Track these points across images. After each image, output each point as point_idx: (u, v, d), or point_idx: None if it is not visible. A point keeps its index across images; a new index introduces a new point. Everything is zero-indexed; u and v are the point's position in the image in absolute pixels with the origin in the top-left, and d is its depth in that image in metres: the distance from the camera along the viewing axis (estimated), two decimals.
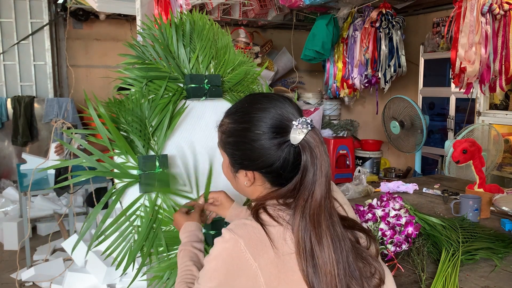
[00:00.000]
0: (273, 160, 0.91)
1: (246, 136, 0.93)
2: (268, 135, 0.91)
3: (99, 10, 4.21)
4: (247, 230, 0.87)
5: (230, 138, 0.97)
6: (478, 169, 2.05)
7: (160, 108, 1.38)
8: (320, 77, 5.84)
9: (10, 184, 4.66)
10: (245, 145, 0.93)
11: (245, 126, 0.93)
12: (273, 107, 0.92)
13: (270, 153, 0.91)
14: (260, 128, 0.91)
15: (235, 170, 1.00)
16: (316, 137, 0.90)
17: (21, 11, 4.90)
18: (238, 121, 0.95)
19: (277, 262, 0.85)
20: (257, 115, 0.92)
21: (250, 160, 0.94)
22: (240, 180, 0.99)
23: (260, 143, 0.91)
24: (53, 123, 4.26)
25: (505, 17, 2.82)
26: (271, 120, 0.91)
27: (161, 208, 1.38)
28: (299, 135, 0.89)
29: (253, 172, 0.96)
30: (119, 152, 1.32)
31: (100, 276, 2.70)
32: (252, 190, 0.99)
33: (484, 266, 1.44)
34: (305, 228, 0.86)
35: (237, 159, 0.97)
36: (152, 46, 1.47)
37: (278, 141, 0.90)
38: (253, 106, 0.95)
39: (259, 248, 0.85)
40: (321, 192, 0.89)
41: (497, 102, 3.68)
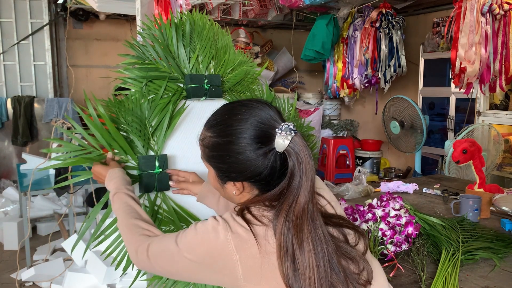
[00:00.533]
0: (261, 170, 0.91)
1: (230, 150, 0.92)
2: (253, 146, 0.90)
3: (99, 10, 4.21)
4: (236, 225, 0.89)
5: (213, 152, 0.96)
6: (478, 169, 2.05)
7: (160, 108, 1.38)
8: (320, 77, 5.85)
9: (10, 184, 4.66)
10: (231, 158, 0.93)
11: (228, 140, 0.92)
12: (253, 116, 0.92)
13: (256, 163, 0.91)
14: (243, 140, 0.91)
15: (222, 182, 0.99)
16: (300, 142, 0.90)
17: (21, 11, 4.90)
18: (220, 135, 0.95)
19: (260, 259, 0.86)
20: (239, 127, 0.91)
21: (237, 172, 0.94)
22: (229, 190, 0.99)
23: (246, 155, 0.91)
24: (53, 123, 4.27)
25: (505, 17, 2.82)
26: (254, 130, 0.91)
27: (161, 208, 1.38)
28: (284, 142, 0.89)
29: (242, 182, 0.96)
30: (118, 152, 1.32)
31: (100, 276, 2.70)
32: (240, 198, 1.00)
33: (484, 266, 1.44)
34: (288, 232, 0.87)
35: (224, 172, 0.97)
36: (152, 46, 1.47)
37: (263, 151, 0.90)
38: (233, 118, 0.93)
39: (243, 243, 0.87)
40: (305, 197, 0.89)
41: (497, 102, 3.68)
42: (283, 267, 0.85)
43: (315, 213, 0.91)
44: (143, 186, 1.33)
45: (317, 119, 5.04)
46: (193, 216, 1.42)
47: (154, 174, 1.33)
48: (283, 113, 1.65)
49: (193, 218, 1.42)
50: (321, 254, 0.87)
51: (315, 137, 1.77)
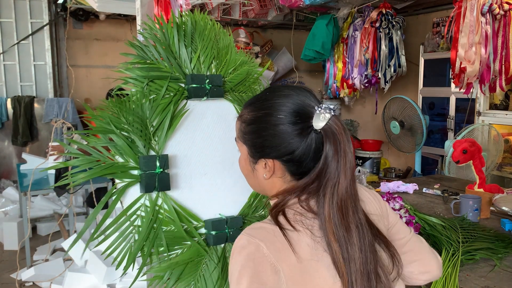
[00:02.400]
0: (296, 146, 0.88)
1: (268, 122, 0.90)
2: (291, 119, 0.88)
3: (99, 10, 4.21)
4: (266, 232, 0.84)
5: (250, 125, 0.94)
6: (478, 169, 2.06)
7: (161, 108, 1.38)
8: (320, 77, 5.85)
9: (10, 184, 4.66)
10: (267, 130, 0.90)
11: (267, 112, 0.91)
12: (295, 94, 0.91)
13: (292, 138, 0.88)
14: (282, 113, 0.89)
15: (254, 161, 0.95)
16: (339, 123, 0.88)
17: (21, 11, 4.91)
18: (259, 108, 0.93)
19: (299, 267, 0.82)
20: (279, 101, 0.90)
21: (271, 147, 0.90)
22: (259, 172, 0.95)
23: (282, 127, 0.88)
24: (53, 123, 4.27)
25: (505, 17, 2.82)
26: (293, 105, 0.89)
27: (162, 208, 1.38)
28: (322, 120, 0.87)
29: (273, 161, 0.92)
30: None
31: (100, 276, 2.70)
32: (271, 184, 0.95)
33: (484, 266, 1.44)
34: (334, 214, 0.84)
35: (257, 147, 0.93)
36: (154, 46, 1.47)
37: (300, 126, 0.88)
38: (274, 93, 0.93)
39: (282, 252, 0.82)
40: (347, 179, 0.86)
41: (497, 102, 3.68)
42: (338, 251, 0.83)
43: (356, 196, 0.88)
44: (144, 186, 1.33)
45: None
46: (194, 216, 1.42)
47: (155, 174, 1.33)
48: None
49: (193, 218, 1.42)
50: (363, 238, 0.86)
51: None
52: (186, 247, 1.38)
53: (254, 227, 0.86)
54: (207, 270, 1.39)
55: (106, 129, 1.30)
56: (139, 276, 1.35)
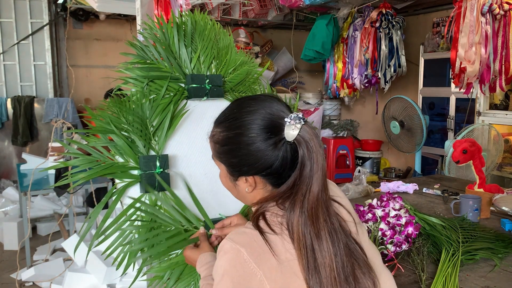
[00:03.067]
0: (272, 161, 0.90)
1: (241, 142, 0.92)
2: (263, 136, 0.90)
3: (99, 10, 4.21)
4: (247, 238, 0.87)
5: (224, 146, 0.95)
6: (478, 169, 2.06)
7: (161, 108, 1.38)
8: (320, 77, 5.85)
9: (10, 184, 4.66)
10: (241, 150, 0.92)
11: (238, 132, 0.92)
12: (262, 107, 0.92)
13: (267, 154, 0.90)
14: (253, 131, 0.90)
15: (234, 179, 0.98)
16: (310, 131, 0.90)
17: (21, 11, 4.91)
18: (229, 128, 0.94)
19: (280, 269, 0.85)
20: (248, 118, 0.91)
21: (249, 165, 0.93)
22: (241, 187, 0.98)
23: (256, 145, 0.90)
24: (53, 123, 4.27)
25: (505, 17, 2.82)
26: (263, 121, 0.90)
27: (162, 208, 1.38)
28: (294, 130, 0.88)
29: (254, 177, 0.95)
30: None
31: (100, 276, 2.70)
32: (253, 195, 0.98)
33: (484, 266, 1.44)
34: (305, 223, 0.86)
35: (235, 167, 0.96)
36: (154, 46, 1.47)
37: (273, 141, 0.90)
38: (241, 111, 0.93)
39: (261, 256, 0.85)
40: (318, 186, 0.89)
41: (497, 102, 3.68)
42: (303, 259, 0.84)
43: (328, 202, 0.90)
44: (144, 186, 1.33)
45: (317, 119, 5.05)
46: (194, 216, 1.42)
47: (155, 174, 1.33)
48: None
49: (193, 218, 1.42)
50: (336, 242, 0.87)
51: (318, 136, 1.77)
52: None
53: (238, 232, 0.89)
54: None
55: (106, 129, 1.30)
56: (139, 276, 1.35)
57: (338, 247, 0.87)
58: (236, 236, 0.88)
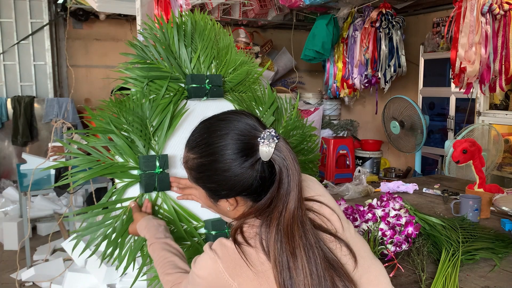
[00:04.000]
0: (251, 182, 0.90)
1: (216, 168, 0.90)
2: (238, 161, 0.88)
3: (99, 10, 4.21)
4: (226, 251, 0.88)
5: (200, 173, 0.95)
6: (478, 169, 2.06)
7: (161, 108, 1.39)
8: (320, 77, 5.85)
9: (10, 184, 4.66)
10: (218, 176, 0.91)
11: (212, 159, 0.91)
12: (233, 129, 0.90)
13: (245, 176, 0.89)
14: (228, 157, 0.89)
15: (215, 201, 0.98)
16: (284, 147, 0.89)
17: (21, 11, 4.91)
18: (203, 155, 0.93)
19: (257, 280, 0.86)
20: (221, 144, 0.90)
21: (227, 190, 0.92)
22: (222, 207, 0.98)
23: (233, 171, 0.89)
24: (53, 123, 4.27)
25: (505, 17, 2.82)
26: (236, 144, 0.89)
27: (162, 208, 1.38)
28: (269, 149, 0.88)
29: (235, 199, 0.95)
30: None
31: (100, 276, 2.70)
32: (235, 213, 0.98)
33: (484, 266, 1.44)
34: (281, 242, 0.86)
35: (213, 191, 0.95)
36: (153, 46, 1.47)
37: (249, 163, 0.89)
38: (212, 135, 0.92)
39: (237, 269, 0.86)
40: (294, 203, 0.89)
41: (497, 102, 3.68)
42: (279, 278, 0.85)
43: (304, 217, 0.90)
44: (143, 186, 1.33)
45: (317, 119, 5.05)
46: (193, 216, 1.42)
47: (155, 174, 1.33)
48: (284, 114, 1.66)
49: (193, 218, 1.42)
50: (313, 258, 0.87)
51: (318, 137, 1.77)
52: (186, 247, 1.38)
53: (220, 243, 0.90)
54: None
55: (106, 129, 1.31)
56: (139, 276, 1.35)
57: (314, 263, 0.87)
58: (217, 247, 0.89)
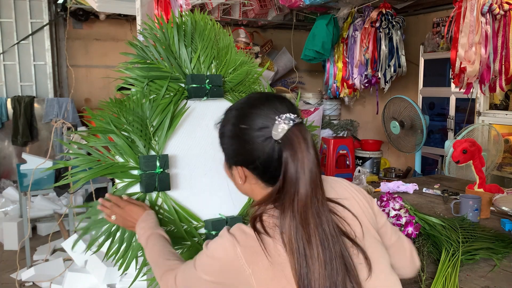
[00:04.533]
0: (257, 155, 0.92)
1: (234, 131, 0.96)
2: (253, 130, 0.92)
3: (99, 10, 4.21)
4: (245, 237, 0.89)
5: (222, 134, 1.00)
6: (478, 169, 2.06)
7: (161, 108, 1.39)
8: (320, 77, 5.85)
9: (10, 184, 4.66)
10: (233, 139, 0.96)
11: (234, 122, 0.96)
12: (263, 104, 0.94)
13: (253, 147, 0.92)
14: (246, 123, 0.93)
15: (229, 167, 1.03)
16: (299, 133, 0.89)
17: (21, 11, 4.91)
18: (230, 118, 0.98)
19: (272, 270, 0.86)
20: (247, 111, 0.95)
21: (237, 155, 0.97)
22: (235, 177, 1.02)
23: (245, 137, 0.93)
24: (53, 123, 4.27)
25: (505, 17, 2.82)
26: (258, 116, 0.93)
27: (162, 208, 1.38)
28: (280, 130, 0.89)
29: (242, 169, 0.98)
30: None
31: (100, 276, 2.70)
32: (250, 190, 1.01)
33: (484, 266, 1.44)
34: (296, 227, 0.86)
35: (228, 156, 1.01)
36: (154, 46, 1.47)
37: (262, 136, 0.92)
38: (245, 103, 0.98)
39: (254, 256, 0.87)
40: (306, 189, 0.88)
41: (497, 102, 3.68)
42: (295, 264, 0.85)
43: (321, 208, 0.89)
44: (144, 186, 1.33)
45: (317, 119, 5.05)
46: (193, 216, 1.42)
47: (155, 174, 1.33)
48: None
49: (194, 218, 1.42)
50: (328, 250, 0.86)
51: (318, 136, 1.77)
52: (186, 247, 1.38)
53: (239, 228, 0.91)
54: None
55: (106, 129, 1.31)
56: (139, 275, 1.35)
57: (329, 255, 0.86)
58: (236, 231, 0.90)
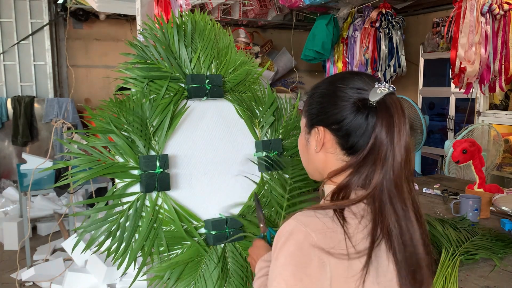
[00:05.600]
0: (346, 114, 0.87)
1: (328, 89, 0.92)
2: (350, 90, 0.89)
3: (99, 10, 4.21)
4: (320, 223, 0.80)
5: (312, 94, 0.96)
6: (478, 169, 2.06)
7: (161, 108, 1.39)
8: (320, 77, 5.85)
9: (10, 184, 4.66)
10: (324, 97, 0.92)
11: (331, 81, 0.93)
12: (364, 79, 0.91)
13: (345, 105, 0.88)
14: (344, 83, 0.90)
15: (308, 132, 0.95)
16: (396, 100, 0.87)
17: (21, 11, 4.91)
18: (324, 82, 0.96)
19: (348, 264, 0.78)
20: (344, 76, 0.93)
21: (324, 113, 0.91)
22: (311, 145, 0.94)
23: (339, 93, 0.89)
24: (53, 123, 4.27)
25: (505, 17, 2.83)
26: (356, 81, 0.90)
27: (162, 208, 1.38)
28: (379, 93, 0.86)
29: (324, 129, 0.90)
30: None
31: (100, 276, 2.70)
32: (323, 161, 0.92)
33: (484, 266, 1.44)
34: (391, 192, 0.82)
35: (312, 116, 0.94)
36: (154, 46, 1.47)
37: (357, 96, 0.88)
38: (341, 74, 0.96)
39: (332, 245, 0.78)
40: (401, 155, 0.83)
41: (497, 102, 3.68)
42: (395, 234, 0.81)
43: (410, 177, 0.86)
44: (144, 186, 1.33)
45: None
46: (194, 216, 1.42)
47: (155, 174, 1.33)
48: (284, 114, 1.66)
49: (193, 218, 1.42)
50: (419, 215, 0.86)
51: None
52: (186, 247, 1.38)
53: (307, 214, 0.81)
54: (207, 270, 1.39)
55: (106, 129, 1.31)
56: (139, 276, 1.35)
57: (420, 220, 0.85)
58: (306, 219, 0.81)
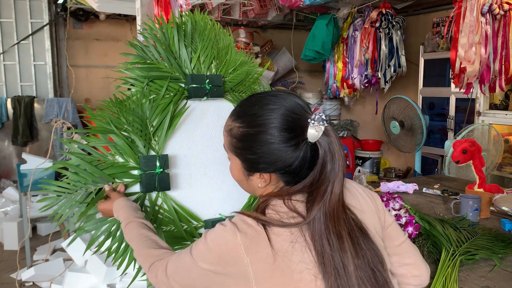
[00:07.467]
0: (292, 161, 0.90)
1: (261, 140, 0.90)
2: (285, 136, 0.89)
3: (99, 10, 4.21)
4: (246, 226, 0.87)
5: (242, 142, 0.94)
6: (478, 169, 2.06)
7: (161, 108, 1.39)
8: (320, 77, 5.85)
9: (10, 184, 4.66)
10: (262, 148, 0.90)
11: (259, 130, 0.90)
12: (284, 106, 0.91)
13: (288, 154, 0.89)
14: (275, 130, 0.89)
15: (248, 174, 0.97)
16: (332, 133, 0.90)
17: (21, 11, 4.90)
18: (250, 125, 0.92)
19: (272, 263, 0.84)
20: (271, 117, 0.90)
21: (267, 163, 0.91)
22: (254, 182, 0.97)
23: (277, 145, 0.89)
24: (53, 123, 4.27)
25: (505, 17, 2.83)
26: (286, 120, 0.89)
27: (162, 208, 1.38)
28: (317, 132, 0.88)
29: (270, 174, 0.94)
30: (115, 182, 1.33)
31: (100, 276, 2.70)
32: (264, 190, 0.97)
33: (484, 266, 1.44)
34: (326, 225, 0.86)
35: (252, 163, 0.94)
36: (154, 46, 1.47)
37: (296, 141, 0.89)
38: (263, 107, 0.92)
39: (254, 244, 0.85)
40: (340, 188, 0.89)
41: (497, 102, 3.68)
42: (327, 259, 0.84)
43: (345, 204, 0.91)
44: (144, 186, 1.33)
45: None
46: (193, 216, 1.43)
47: (155, 174, 1.33)
48: None
49: (193, 218, 1.43)
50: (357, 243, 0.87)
51: None
52: (186, 247, 1.38)
53: (240, 218, 0.89)
54: None
55: (106, 129, 1.31)
56: (139, 276, 1.35)
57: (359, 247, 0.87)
58: (238, 221, 0.88)
